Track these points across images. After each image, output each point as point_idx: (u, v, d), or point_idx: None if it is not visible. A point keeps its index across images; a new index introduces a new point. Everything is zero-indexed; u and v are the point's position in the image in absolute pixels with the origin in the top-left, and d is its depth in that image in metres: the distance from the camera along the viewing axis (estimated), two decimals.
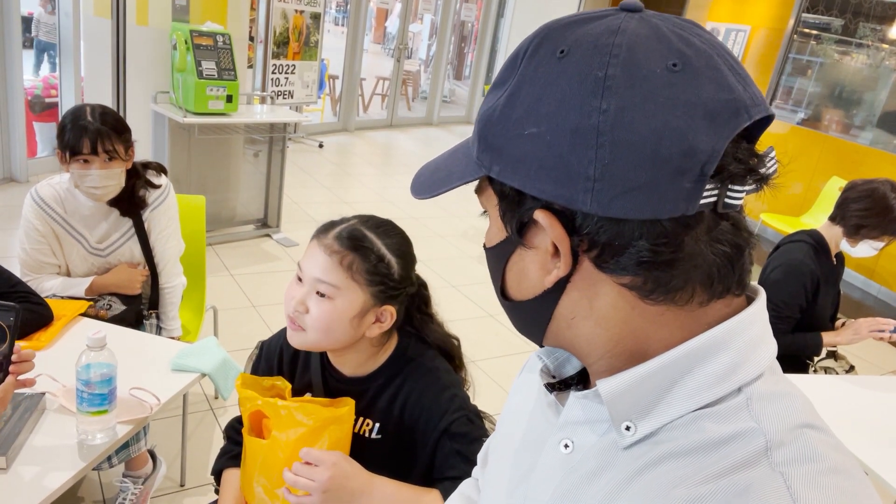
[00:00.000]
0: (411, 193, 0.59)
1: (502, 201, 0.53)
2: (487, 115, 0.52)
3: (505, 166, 0.50)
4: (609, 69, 0.45)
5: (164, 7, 3.65)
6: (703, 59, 0.46)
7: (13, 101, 4.52)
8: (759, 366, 0.51)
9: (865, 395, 2.01)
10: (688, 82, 0.45)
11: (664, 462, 0.49)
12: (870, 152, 5.33)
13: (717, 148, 0.45)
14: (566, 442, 0.57)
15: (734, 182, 0.47)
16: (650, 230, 0.46)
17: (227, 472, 1.33)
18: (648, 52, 0.46)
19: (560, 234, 0.49)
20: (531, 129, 0.48)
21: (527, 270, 0.54)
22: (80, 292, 2.00)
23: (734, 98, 0.46)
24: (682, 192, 0.45)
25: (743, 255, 0.50)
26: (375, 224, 1.16)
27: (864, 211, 2.12)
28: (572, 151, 0.46)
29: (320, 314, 1.10)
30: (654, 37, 0.47)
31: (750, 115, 0.46)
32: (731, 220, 0.49)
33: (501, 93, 0.51)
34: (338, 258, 1.10)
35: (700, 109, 0.45)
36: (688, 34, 0.48)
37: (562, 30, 0.50)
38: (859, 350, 3.66)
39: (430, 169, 0.60)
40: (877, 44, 5.51)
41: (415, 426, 1.18)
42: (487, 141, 0.52)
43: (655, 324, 0.51)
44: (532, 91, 0.49)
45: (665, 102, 0.44)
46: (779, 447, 0.46)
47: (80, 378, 1.26)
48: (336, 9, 17.04)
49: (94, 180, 1.88)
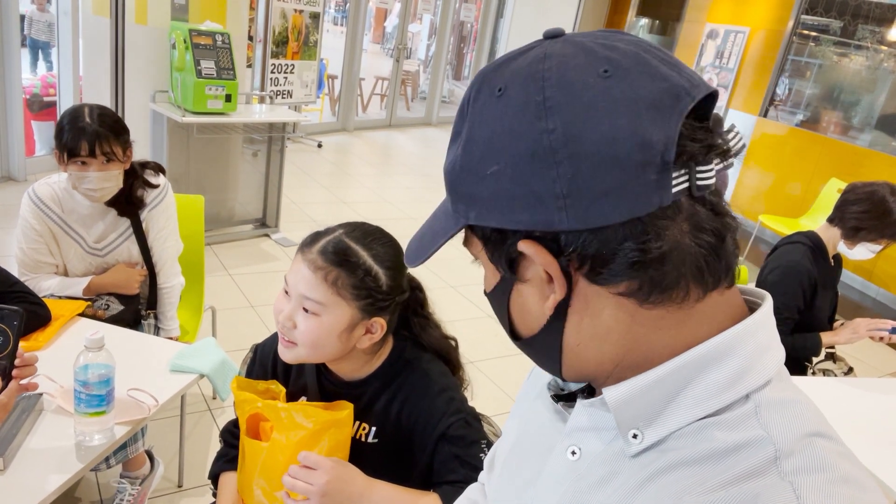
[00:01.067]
0: (406, 264, 0.61)
1: (487, 244, 0.54)
2: (451, 167, 0.54)
3: (480, 210, 0.51)
4: (545, 92, 0.47)
5: (163, 6, 3.64)
6: (630, 58, 0.48)
7: (11, 99, 4.51)
8: (766, 372, 0.51)
9: (864, 398, 2.01)
10: (622, 83, 0.46)
11: (673, 471, 0.49)
12: (868, 154, 5.34)
13: (669, 134, 0.46)
14: (573, 449, 0.57)
15: (698, 162, 0.47)
16: (633, 230, 0.47)
17: (224, 476, 1.32)
18: (578, 67, 0.48)
19: (547, 259, 0.50)
20: (492, 167, 0.49)
21: (528, 304, 0.55)
22: (78, 292, 2.00)
23: (671, 85, 0.47)
24: (651, 184, 0.46)
25: (725, 242, 0.50)
26: (362, 234, 1.13)
27: (863, 213, 2.12)
28: (535, 176, 0.47)
29: (308, 330, 1.09)
30: (580, 52, 0.49)
31: (692, 96, 0.47)
32: (709, 204, 0.49)
33: (458, 144, 0.53)
34: (322, 274, 1.07)
35: (642, 104, 0.46)
36: (611, 41, 0.50)
37: (495, 71, 0.52)
38: (858, 352, 3.66)
39: (417, 238, 0.61)
40: (875, 45, 5.52)
41: (412, 430, 1.17)
42: (458, 192, 0.53)
43: (658, 330, 0.51)
44: (483, 132, 0.50)
45: (607, 107, 0.46)
46: (788, 456, 0.46)
47: (78, 379, 1.26)
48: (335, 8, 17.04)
49: (91, 182, 1.87)
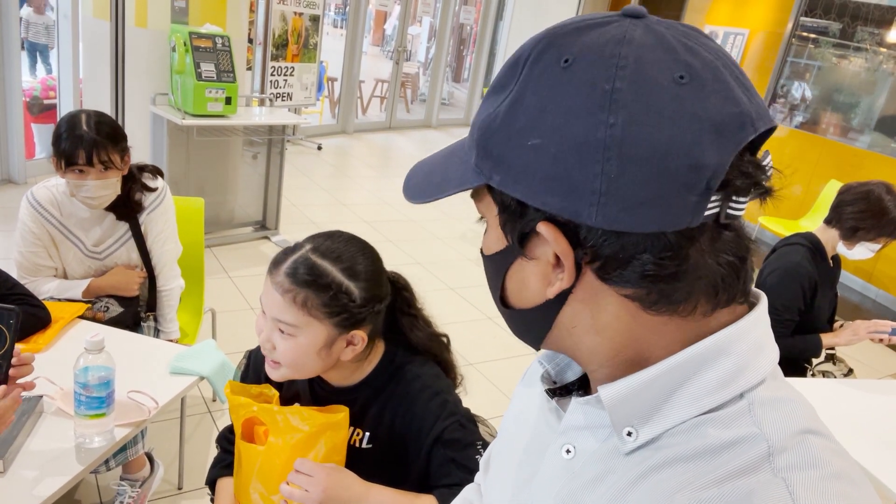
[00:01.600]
0: (405, 196, 0.58)
1: (503, 211, 0.52)
2: (488, 122, 0.51)
3: (506, 176, 0.49)
4: (616, 82, 0.45)
5: (163, 9, 3.65)
6: (709, 70, 0.46)
7: (11, 102, 4.51)
8: (761, 371, 0.51)
9: (864, 399, 2.01)
10: (695, 95, 0.44)
11: (666, 467, 0.49)
12: (868, 155, 5.34)
13: (723, 162, 0.44)
14: (568, 447, 0.57)
15: (738, 195, 0.47)
16: (655, 243, 0.46)
17: (221, 481, 1.32)
18: (655, 64, 0.45)
19: (565, 247, 0.49)
20: (535, 139, 0.47)
21: (528, 280, 0.53)
22: (77, 294, 2.00)
23: (741, 111, 0.45)
24: (688, 205, 0.45)
25: (746, 264, 0.50)
26: (330, 248, 1.09)
27: (860, 213, 2.12)
28: (578, 165, 0.45)
29: (286, 351, 1.08)
30: (661, 47, 0.46)
31: (756, 128, 0.46)
32: (732, 228, 0.49)
33: (502, 99, 0.50)
34: (290, 296, 1.05)
35: (707, 123, 0.44)
36: (693, 43, 0.47)
37: (566, 37, 0.48)
38: (858, 353, 3.66)
39: (423, 171, 0.58)
40: (875, 48, 5.52)
41: (406, 434, 1.16)
42: (487, 149, 0.50)
43: (657, 333, 0.51)
44: (536, 100, 0.47)
45: (672, 116, 0.44)
46: (781, 453, 0.46)
47: (78, 381, 1.26)
48: (335, 11, 17.05)
49: (90, 191, 1.87)
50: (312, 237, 1.13)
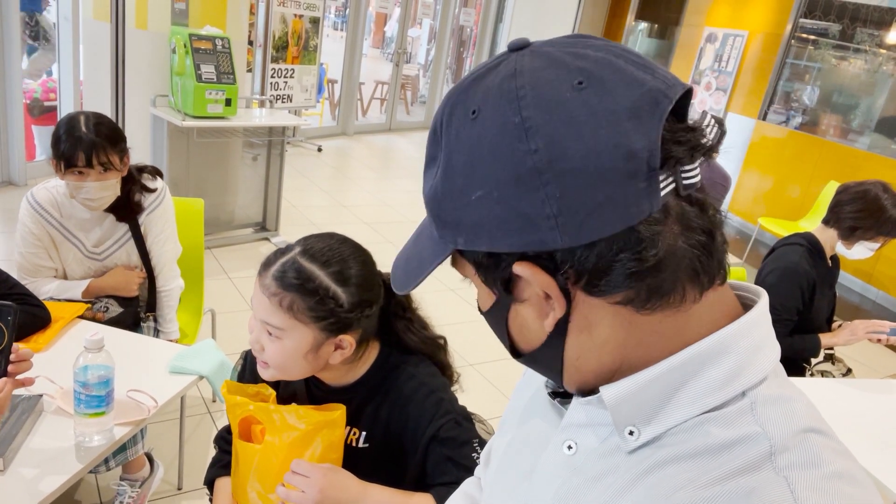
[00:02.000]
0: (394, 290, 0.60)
1: (479, 268, 0.54)
2: (431, 194, 0.53)
3: (468, 236, 0.50)
4: (523, 112, 0.46)
5: (163, 11, 3.66)
6: (603, 66, 0.47)
7: (12, 104, 4.52)
8: (762, 370, 0.51)
9: (863, 399, 2.01)
10: (598, 93, 0.46)
11: (668, 465, 0.49)
12: (867, 157, 5.35)
13: (653, 140, 0.45)
14: (569, 443, 0.57)
15: (683, 163, 0.47)
16: (627, 240, 0.47)
17: (219, 481, 1.32)
18: (551, 82, 0.47)
19: (544, 280, 0.50)
20: (476, 192, 0.48)
21: (527, 322, 0.54)
22: (77, 295, 2.00)
23: (647, 89, 0.46)
24: (641, 192, 0.45)
25: (716, 239, 0.50)
26: (320, 252, 1.08)
27: (858, 212, 2.13)
28: (522, 199, 0.46)
29: (273, 353, 1.09)
30: (551, 65, 0.48)
31: (670, 98, 0.46)
32: (695, 202, 0.49)
33: (435, 169, 0.52)
34: (277, 300, 1.05)
35: (621, 113, 0.45)
36: (580, 49, 0.49)
37: (465, 91, 0.50)
38: (857, 353, 3.66)
39: (402, 261, 0.60)
40: (874, 49, 5.53)
41: (402, 433, 1.16)
42: (441, 218, 0.52)
43: (655, 334, 0.51)
44: (462, 158, 0.49)
45: (587, 120, 0.45)
46: (783, 451, 0.46)
47: (78, 380, 1.26)
48: (335, 13, 17.07)
49: (89, 192, 1.87)
50: (305, 239, 1.12)
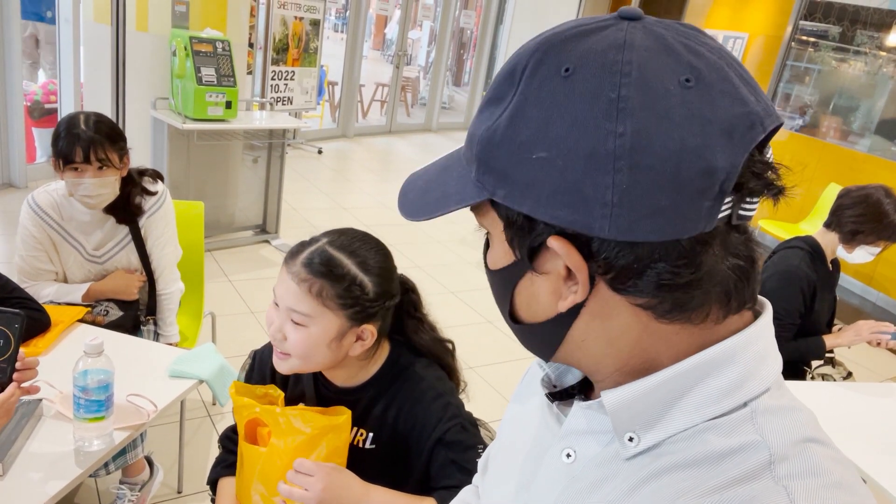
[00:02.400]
0: (401, 213, 0.56)
1: (509, 227, 0.50)
2: (488, 136, 0.49)
3: (511, 191, 0.48)
4: (622, 90, 0.43)
5: (163, 13, 3.66)
6: (714, 71, 0.45)
7: (12, 106, 4.52)
8: (765, 381, 0.50)
9: (863, 402, 2.01)
10: (702, 98, 0.43)
11: (667, 473, 0.49)
12: (868, 159, 5.35)
13: (735, 164, 0.44)
14: (568, 451, 0.57)
15: (752, 196, 0.46)
16: (669, 251, 0.45)
17: (222, 481, 1.32)
18: (660, 69, 0.44)
19: (578, 261, 0.47)
20: (540, 153, 0.45)
21: (538, 295, 0.52)
22: (77, 298, 2.00)
23: (749, 111, 0.44)
24: (702, 211, 0.44)
25: (755, 267, 0.49)
26: (346, 243, 1.12)
27: (859, 217, 2.12)
28: (588, 177, 0.44)
29: (297, 341, 1.09)
30: (663, 50, 0.45)
31: (765, 127, 0.45)
32: (742, 230, 0.48)
33: (500, 111, 0.48)
34: (306, 286, 1.07)
35: (717, 126, 0.43)
36: (695, 44, 0.46)
37: (563, 44, 0.47)
38: (857, 357, 3.66)
39: (418, 186, 0.56)
40: (874, 51, 5.53)
41: (408, 435, 1.17)
42: (489, 164, 0.49)
43: (667, 341, 0.50)
44: (538, 113, 0.46)
45: (682, 122, 0.43)
46: (782, 461, 0.46)
47: (77, 384, 1.26)
48: (335, 15, 17.08)
49: (87, 189, 1.88)
50: (328, 232, 1.15)
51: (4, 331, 1.14)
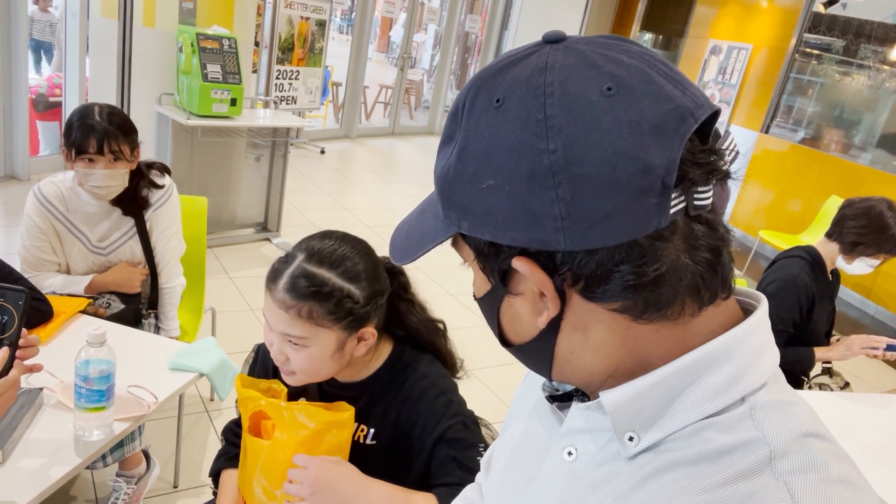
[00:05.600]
0: (391, 258, 0.59)
1: (479, 255, 0.53)
2: (443, 174, 0.52)
3: (473, 221, 0.50)
4: (547, 109, 0.45)
5: (171, 9, 3.67)
6: (635, 75, 0.46)
7: (17, 99, 4.53)
8: (762, 375, 0.51)
9: (859, 412, 2.01)
10: (626, 102, 0.45)
11: (668, 471, 0.49)
12: (869, 172, 5.36)
13: (672, 159, 0.45)
14: (570, 449, 0.57)
15: (698, 185, 0.47)
16: (629, 252, 0.46)
17: (225, 473, 1.33)
18: (580, 83, 0.46)
19: (541, 278, 0.49)
20: (488, 181, 0.48)
21: (519, 315, 0.54)
22: (80, 290, 2.00)
23: (676, 106, 0.46)
24: (651, 208, 0.45)
25: (722, 257, 0.50)
26: (325, 254, 1.08)
27: (861, 228, 2.13)
28: (533, 196, 0.46)
29: (300, 361, 1.09)
30: (583, 65, 0.47)
31: (696, 118, 0.46)
32: (704, 221, 0.49)
33: (451, 150, 0.52)
34: (294, 311, 1.05)
35: (645, 125, 0.45)
36: (615, 53, 0.48)
37: (493, 77, 0.50)
38: (855, 368, 3.66)
39: (403, 232, 0.60)
40: (877, 65, 5.55)
41: (410, 432, 1.17)
42: (449, 199, 0.52)
43: (652, 341, 0.51)
44: (479, 144, 0.49)
45: (609, 128, 0.44)
46: (783, 456, 0.46)
47: (79, 374, 1.26)
48: (341, 17, 17.11)
49: (98, 180, 1.89)
50: (304, 243, 1.11)
51: (8, 307, 1.11)
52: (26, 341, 1.15)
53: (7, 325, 1.10)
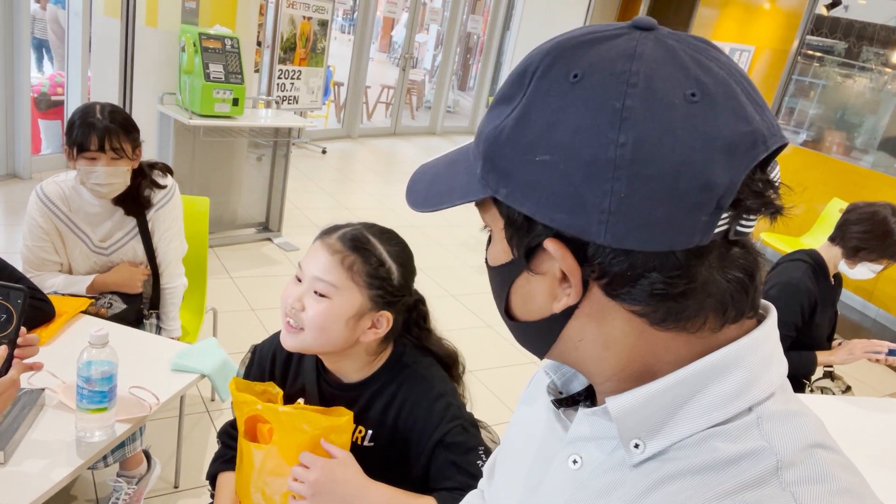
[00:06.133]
0: (408, 203, 0.57)
1: (509, 225, 0.51)
2: (494, 135, 0.50)
3: (514, 190, 0.48)
4: (627, 100, 0.44)
5: (173, 9, 3.67)
6: (721, 87, 0.45)
7: (19, 97, 4.53)
8: (770, 385, 0.50)
9: (860, 416, 2.01)
10: (706, 113, 0.44)
11: (674, 480, 0.49)
12: (871, 175, 5.36)
13: (734, 182, 0.44)
14: (575, 458, 0.57)
15: (749, 213, 0.47)
16: (664, 262, 0.46)
17: (222, 476, 1.32)
18: (666, 81, 0.44)
19: (572, 264, 0.48)
20: (543, 155, 0.46)
21: (533, 294, 0.53)
22: (82, 290, 2.00)
23: (752, 129, 0.45)
24: (698, 224, 0.44)
25: (755, 280, 0.49)
26: (379, 231, 1.17)
27: (864, 233, 2.13)
28: (587, 183, 0.45)
29: (317, 313, 1.09)
30: (672, 63, 0.45)
31: (767, 146, 0.45)
32: (741, 245, 0.49)
33: (509, 111, 0.49)
34: (339, 257, 1.10)
35: (719, 142, 0.44)
36: (705, 58, 0.46)
37: (574, 50, 0.47)
38: (857, 372, 3.66)
39: (427, 178, 0.57)
40: (880, 68, 5.55)
41: (408, 435, 1.17)
42: (494, 162, 0.50)
43: (665, 348, 0.50)
44: (544, 116, 0.47)
45: (684, 135, 0.43)
46: (790, 467, 0.46)
47: (81, 375, 1.26)
48: (343, 17, 17.12)
49: (99, 177, 1.89)
50: (363, 222, 1.20)
51: (6, 305, 1.10)
52: (25, 340, 1.14)
53: (6, 323, 1.10)
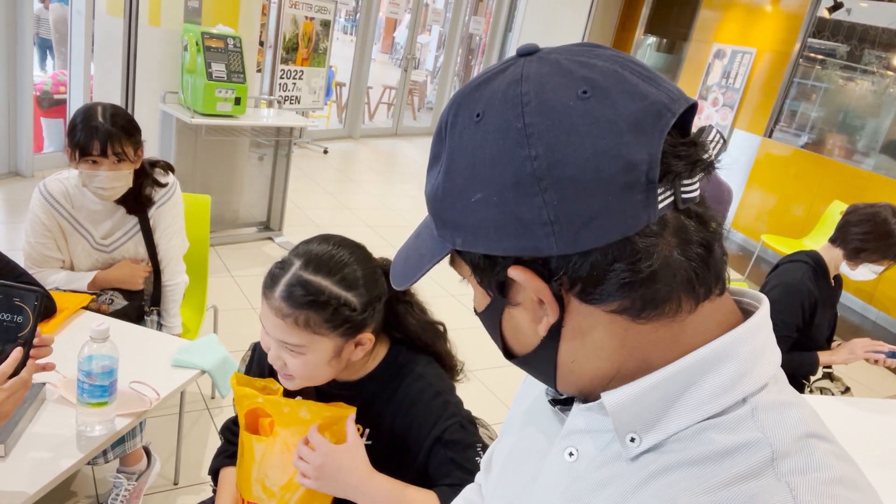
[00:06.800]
0: (393, 285, 0.60)
1: (475, 269, 0.54)
2: (433, 193, 0.53)
3: (465, 236, 0.51)
4: (526, 118, 0.47)
5: (176, 8, 3.68)
6: (608, 77, 0.47)
7: (22, 96, 4.54)
8: (763, 376, 0.51)
9: (859, 417, 2.01)
10: (601, 103, 0.46)
11: (670, 472, 0.50)
12: (872, 177, 5.36)
13: (653, 153, 0.46)
14: (571, 450, 0.58)
15: (683, 177, 0.48)
16: (622, 251, 0.47)
17: (224, 471, 1.33)
18: (557, 90, 0.47)
19: (538, 285, 0.50)
20: (476, 195, 0.49)
21: (520, 325, 0.55)
22: (83, 286, 2.01)
23: (651, 102, 0.47)
24: (638, 204, 0.46)
25: (714, 251, 0.50)
26: (321, 261, 1.07)
27: (865, 234, 2.13)
28: (520, 204, 0.47)
29: (297, 366, 1.09)
30: (558, 73, 0.48)
31: (673, 112, 0.47)
32: (694, 215, 0.50)
33: (438, 169, 0.53)
34: (291, 320, 1.04)
35: (623, 124, 0.46)
36: (587, 58, 0.49)
37: (471, 94, 0.51)
38: (856, 373, 3.66)
39: (402, 257, 0.60)
40: (882, 71, 5.55)
41: (406, 432, 1.17)
42: (441, 218, 0.53)
43: (652, 343, 0.51)
44: (464, 159, 0.50)
45: (588, 129, 0.45)
46: (785, 457, 0.46)
47: (82, 369, 1.27)
48: (345, 17, 17.14)
49: (102, 181, 1.89)
50: (301, 248, 1.11)
51: (23, 307, 1.12)
52: (40, 341, 1.16)
53: (23, 324, 1.12)
